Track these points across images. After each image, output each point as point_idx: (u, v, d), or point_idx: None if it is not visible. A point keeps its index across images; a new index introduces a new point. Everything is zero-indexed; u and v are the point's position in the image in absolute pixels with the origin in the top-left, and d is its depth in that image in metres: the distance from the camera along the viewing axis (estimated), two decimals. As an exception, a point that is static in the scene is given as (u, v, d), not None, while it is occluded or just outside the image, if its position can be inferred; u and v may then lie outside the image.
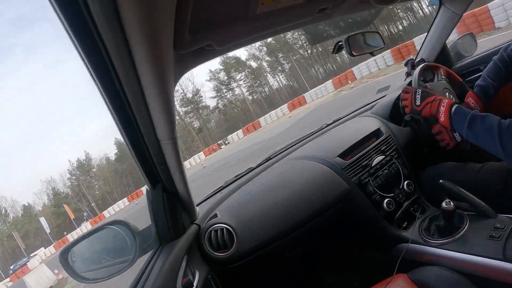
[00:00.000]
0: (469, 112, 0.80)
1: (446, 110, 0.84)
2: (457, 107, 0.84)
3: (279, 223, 0.97)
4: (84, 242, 0.69)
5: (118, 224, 0.75)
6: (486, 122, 0.76)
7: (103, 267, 0.71)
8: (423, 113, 0.91)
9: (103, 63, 0.40)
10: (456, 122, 0.82)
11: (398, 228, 1.01)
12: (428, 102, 0.89)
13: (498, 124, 0.73)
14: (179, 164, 0.71)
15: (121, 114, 0.51)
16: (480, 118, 0.77)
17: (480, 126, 0.76)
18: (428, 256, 0.87)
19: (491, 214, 0.83)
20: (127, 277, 0.76)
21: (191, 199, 0.90)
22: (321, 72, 34.54)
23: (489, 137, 0.74)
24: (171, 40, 0.43)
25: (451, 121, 0.84)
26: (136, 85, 0.44)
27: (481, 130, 0.76)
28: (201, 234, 0.95)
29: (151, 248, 0.82)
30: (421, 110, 0.91)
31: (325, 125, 1.52)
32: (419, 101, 0.92)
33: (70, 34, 0.35)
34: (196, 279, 0.80)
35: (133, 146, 0.60)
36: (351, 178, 1.05)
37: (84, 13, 0.33)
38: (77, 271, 0.65)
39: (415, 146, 1.19)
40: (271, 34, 0.73)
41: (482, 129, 0.75)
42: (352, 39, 1.06)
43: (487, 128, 0.75)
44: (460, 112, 0.82)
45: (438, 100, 0.87)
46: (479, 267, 0.74)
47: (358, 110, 1.58)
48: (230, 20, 0.57)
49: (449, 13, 1.25)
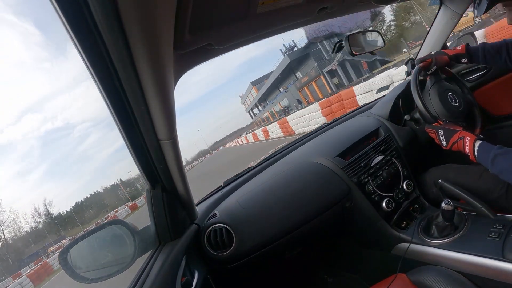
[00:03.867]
0: (491, 149, 0.81)
1: (470, 149, 0.86)
2: (480, 144, 0.85)
3: (278, 223, 0.97)
4: (83, 242, 0.69)
5: (117, 224, 0.75)
6: (508, 158, 0.77)
7: (103, 267, 0.70)
8: (453, 150, 0.94)
9: (103, 62, 0.39)
10: (481, 160, 0.84)
11: (397, 228, 1.01)
12: (454, 142, 0.91)
13: None
14: (178, 164, 0.70)
15: (121, 113, 0.51)
16: (502, 156, 0.78)
17: (503, 163, 0.77)
18: (427, 256, 0.87)
19: (491, 214, 0.83)
20: (127, 277, 0.76)
21: (191, 198, 0.90)
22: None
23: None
24: (171, 40, 0.43)
25: (476, 158, 0.86)
26: (136, 84, 0.44)
27: (505, 167, 0.77)
28: (200, 233, 0.95)
29: (150, 248, 0.82)
30: (450, 149, 0.94)
31: (325, 125, 1.52)
32: (445, 143, 0.94)
33: (70, 34, 0.35)
34: (195, 278, 0.80)
35: (132, 146, 0.60)
36: (351, 177, 1.05)
37: (84, 12, 0.32)
38: (76, 271, 0.65)
39: (414, 146, 1.19)
40: (271, 33, 0.73)
41: (505, 166, 0.77)
42: (352, 38, 1.06)
43: (509, 164, 0.76)
44: (483, 151, 0.83)
45: (462, 139, 0.89)
46: (478, 266, 0.74)
47: (358, 109, 1.58)
48: (230, 20, 0.56)
49: (449, 12, 1.25)
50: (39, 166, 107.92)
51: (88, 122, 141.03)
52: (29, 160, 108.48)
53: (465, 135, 0.88)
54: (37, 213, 44.81)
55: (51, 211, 46.21)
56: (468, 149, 0.86)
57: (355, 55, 1.08)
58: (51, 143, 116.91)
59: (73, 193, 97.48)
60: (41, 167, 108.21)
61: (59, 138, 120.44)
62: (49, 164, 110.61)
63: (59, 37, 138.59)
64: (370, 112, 1.35)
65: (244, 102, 50.44)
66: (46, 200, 49.16)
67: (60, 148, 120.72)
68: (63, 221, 47.15)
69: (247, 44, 0.71)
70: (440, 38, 1.32)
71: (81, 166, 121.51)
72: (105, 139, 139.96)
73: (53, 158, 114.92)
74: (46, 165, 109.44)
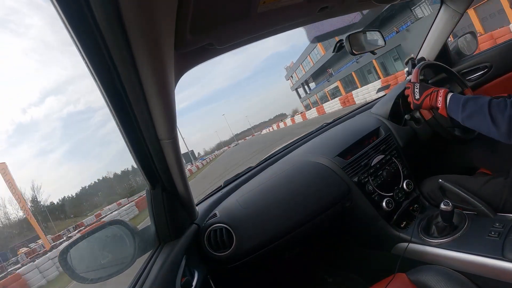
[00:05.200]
0: (461, 96, 0.82)
1: (442, 99, 0.86)
2: (452, 94, 0.85)
3: (278, 223, 0.97)
4: (83, 242, 0.69)
5: (117, 224, 0.75)
6: (478, 102, 0.77)
7: (102, 267, 0.70)
8: (423, 106, 0.92)
9: (104, 62, 0.39)
10: (452, 109, 0.84)
11: (397, 228, 1.01)
12: (427, 94, 0.91)
13: (489, 102, 0.74)
14: (179, 163, 0.70)
15: (121, 113, 0.50)
16: (472, 99, 0.78)
17: (472, 107, 0.77)
18: (427, 256, 0.87)
19: (491, 213, 0.83)
20: (127, 277, 0.76)
21: (191, 198, 0.89)
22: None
23: (481, 116, 0.74)
24: (172, 39, 0.43)
25: (447, 108, 0.84)
26: (137, 84, 0.43)
27: (474, 110, 0.76)
28: (200, 233, 0.95)
29: (150, 248, 0.82)
30: (421, 103, 0.93)
31: (325, 124, 1.52)
32: (418, 95, 0.93)
33: (71, 33, 0.35)
34: (195, 279, 0.80)
35: (133, 146, 0.60)
36: (351, 177, 1.04)
37: (85, 11, 0.32)
38: (76, 272, 0.65)
39: (415, 146, 1.19)
40: (272, 33, 0.73)
41: (475, 109, 0.76)
42: (353, 37, 1.06)
43: (478, 107, 0.75)
44: (455, 99, 0.84)
45: (436, 92, 0.89)
46: (478, 266, 0.74)
47: (358, 109, 1.57)
48: (231, 19, 0.56)
49: (450, 12, 1.24)
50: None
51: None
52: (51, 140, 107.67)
53: (440, 89, 0.89)
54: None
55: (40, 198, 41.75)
56: (440, 100, 0.86)
57: (356, 54, 1.08)
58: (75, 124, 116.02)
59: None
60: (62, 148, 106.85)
61: (81, 121, 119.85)
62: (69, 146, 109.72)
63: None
64: (370, 112, 1.35)
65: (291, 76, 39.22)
66: (34, 185, 43.89)
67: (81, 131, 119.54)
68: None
69: (248, 44, 0.71)
70: (440, 37, 1.32)
71: (102, 149, 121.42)
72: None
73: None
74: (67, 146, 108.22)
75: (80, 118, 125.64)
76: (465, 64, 1.41)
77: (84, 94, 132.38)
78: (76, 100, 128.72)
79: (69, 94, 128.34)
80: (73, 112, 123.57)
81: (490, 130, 0.74)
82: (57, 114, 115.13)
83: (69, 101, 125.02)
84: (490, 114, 0.72)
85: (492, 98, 0.75)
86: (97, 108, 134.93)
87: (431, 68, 1.28)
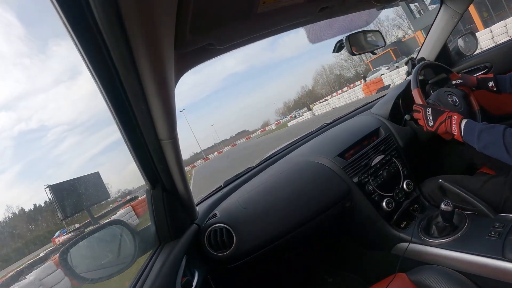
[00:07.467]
0: (476, 126, 0.81)
1: (457, 127, 0.86)
2: (466, 122, 0.85)
3: (278, 223, 0.97)
4: (83, 242, 0.69)
5: (117, 224, 0.75)
6: (492, 133, 0.77)
7: (103, 267, 0.70)
8: (439, 131, 0.93)
9: (103, 62, 0.39)
10: (467, 138, 0.84)
11: (397, 228, 1.01)
12: (441, 121, 0.90)
13: (503, 132, 0.75)
14: (179, 163, 0.70)
15: (121, 113, 0.50)
16: (487, 130, 0.78)
17: (487, 138, 0.77)
18: (427, 256, 0.87)
19: (491, 214, 0.83)
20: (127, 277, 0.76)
21: (191, 198, 0.89)
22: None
23: (497, 147, 0.75)
24: (172, 39, 0.42)
25: (462, 137, 0.85)
26: (137, 84, 0.43)
27: (489, 141, 0.77)
28: (200, 234, 0.95)
29: (150, 248, 0.82)
30: (437, 129, 0.93)
31: (325, 124, 1.52)
32: (432, 122, 0.93)
33: (70, 32, 0.35)
34: (195, 278, 0.80)
35: (133, 146, 0.60)
36: (351, 177, 1.04)
37: (85, 11, 0.32)
38: (76, 272, 0.65)
39: (415, 146, 1.19)
40: (272, 33, 0.73)
41: (490, 140, 0.77)
42: (353, 37, 1.06)
43: (494, 138, 0.76)
44: (469, 128, 0.83)
45: (449, 118, 0.88)
46: (478, 266, 0.74)
47: (358, 109, 1.57)
48: (231, 19, 0.56)
49: (450, 12, 1.25)
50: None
51: (64, 126, 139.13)
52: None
53: (453, 114, 0.88)
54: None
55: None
56: (455, 128, 0.86)
57: (356, 54, 1.08)
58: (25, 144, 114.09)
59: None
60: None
61: (32, 140, 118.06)
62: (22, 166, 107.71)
63: (43, 32, 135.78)
64: (370, 112, 1.35)
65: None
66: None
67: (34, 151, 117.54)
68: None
69: (248, 44, 0.71)
70: (440, 37, 1.33)
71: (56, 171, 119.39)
72: (82, 144, 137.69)
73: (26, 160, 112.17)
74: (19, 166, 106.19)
75: (33, 136, 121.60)
76: (465, 64, 1.41)
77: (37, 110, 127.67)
78: (28, 118, 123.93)
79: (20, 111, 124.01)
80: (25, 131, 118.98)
81: (506, 159, 0.75)
82: (7, 133, 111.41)
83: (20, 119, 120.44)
84: (505, 145, 0.73)
85: (506, 128, 0.75)
86: (51, 126, 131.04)
87: (431, 68, 1.29)
